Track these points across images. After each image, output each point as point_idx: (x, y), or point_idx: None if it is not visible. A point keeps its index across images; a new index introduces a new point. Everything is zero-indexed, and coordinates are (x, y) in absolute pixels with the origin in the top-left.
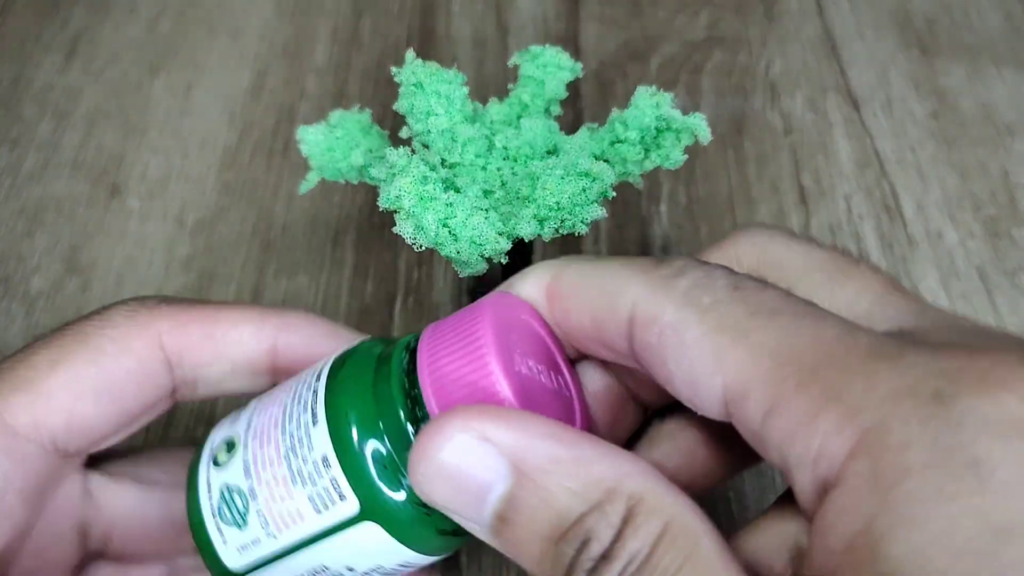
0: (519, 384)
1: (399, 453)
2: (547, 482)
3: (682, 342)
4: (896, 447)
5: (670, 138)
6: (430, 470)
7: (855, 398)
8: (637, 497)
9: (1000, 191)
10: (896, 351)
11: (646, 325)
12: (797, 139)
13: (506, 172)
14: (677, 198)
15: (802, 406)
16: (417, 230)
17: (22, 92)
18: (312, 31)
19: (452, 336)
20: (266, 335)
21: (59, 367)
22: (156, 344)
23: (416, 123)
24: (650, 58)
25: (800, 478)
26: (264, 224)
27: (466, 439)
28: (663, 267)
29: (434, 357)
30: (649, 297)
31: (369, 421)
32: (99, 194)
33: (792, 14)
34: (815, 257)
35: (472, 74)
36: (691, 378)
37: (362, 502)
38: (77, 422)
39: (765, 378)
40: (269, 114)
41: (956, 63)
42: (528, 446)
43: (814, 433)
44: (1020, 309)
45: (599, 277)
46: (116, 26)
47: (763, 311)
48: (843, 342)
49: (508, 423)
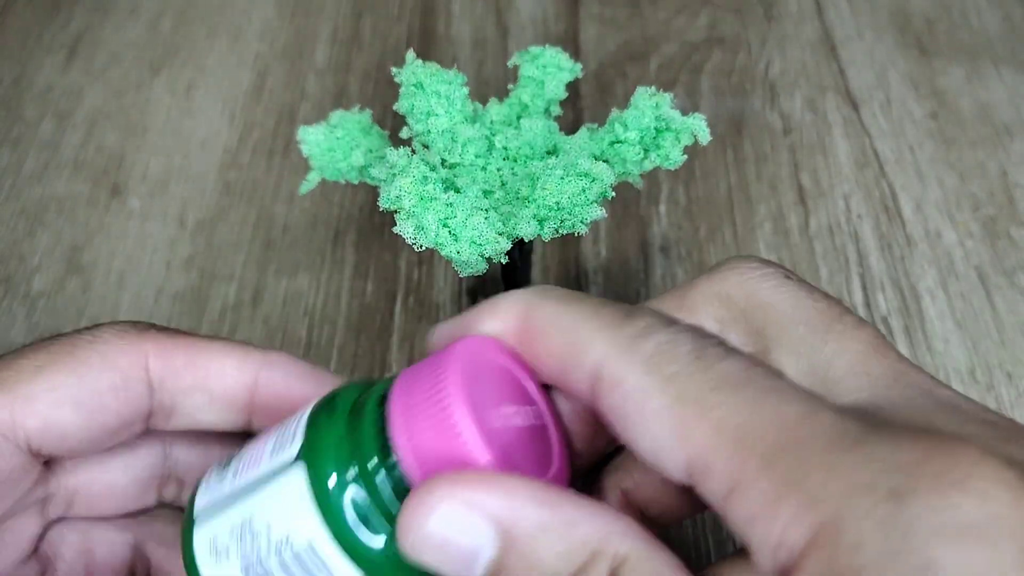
0: (494, 442)
1: (375, 504)
2: (534, 546)
3: (644, 411)
4: (851, 545)
5: (669, 138)
6: (418, 539)
7: (814, 488)
8: (621, 558)
9: (999, 191)
10: (857, 439)
11: (610, 387)
12: (796, 139)
13: (506, 172)
14: (676, 198)
15: (763, 490)
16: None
17: (23, 92)
18: (312, 32)
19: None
20: (248, 369)
21: (43, 373)
22: (141, 364)
23: (416, 123)
24: (650, 58)
25: (760, 560)
26: (265, 224)
27: (452, 507)
28: (628, 325)
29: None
30: (614, 358)
31: (343, 471)
32: (100, 194)
33: (791, 15)
34: (803, 307)
35: (472, 75)
36: (653, 447)
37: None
38: (53, 428)
39: (727, 457)
40: (270, 114)
41: (955, 63)
42: (514, 511)
43: (774, 520)
44: (1018, 309)
45: (567, 325)
46: (117, 26)
47: (726, 385)
48: (805, 424)
49: (492, 489)
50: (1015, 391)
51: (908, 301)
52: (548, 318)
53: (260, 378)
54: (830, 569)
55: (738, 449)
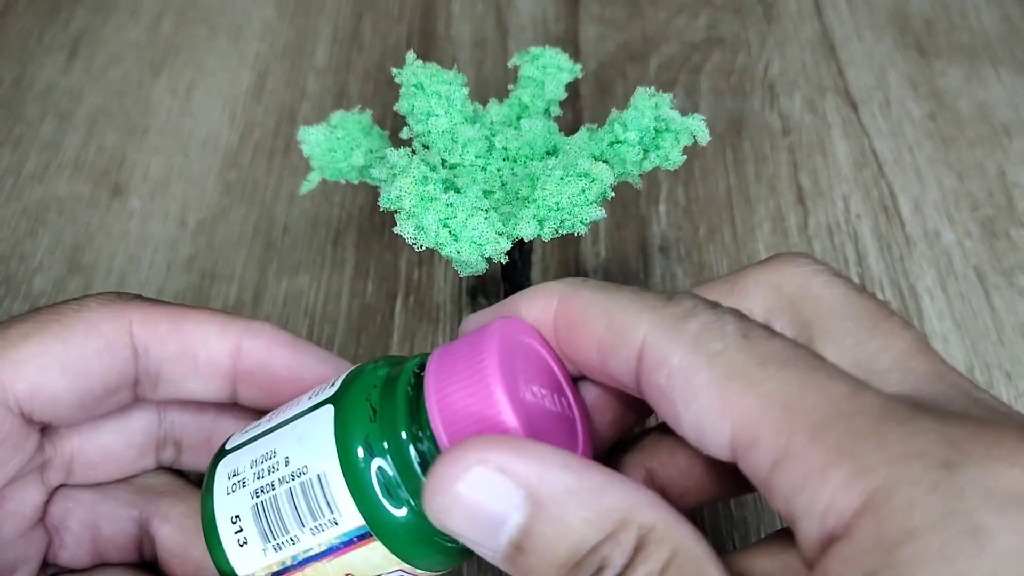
0: (525, 413)
1: (402, 475)
2: (563, 512)
3: (691, 386)
4: (903, 508)
5: (669, 139)
6: (446, 501)
7: (866, 457)
8: (648, 526)
9: (997, 191)
10: (906, 415)
11: (655, 366)
12: (795, 139)
13: (506, 173)
14: (676, 198)
15: (813, 459)
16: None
17: (24, 93)
18: (313, 32)
19: (459, 365)
20: (231, 335)
21: (29, 339)
22: (125, 330)
23: (416, 124)
24: (649, 59)
25: (806, 527)
26: (265, 224)
27: (483, 471)
28: (673, 306)
29: (442, 387)
30: (659, 337)
31: (374, 442)
32: (101, 194)
33: (791, 15)
34: (852, 303)
35: (472, 75)
36: (698, 422)
37: (366, 519)
38: (42, 392)
39: (775, 429)
40: (270, 114)
41: (954, 64)
42: (544, 477)
43: (824, 487)
44: (1017, 309)
45: (608, 309)
46: (117, 27)
47: (773, 361)
48: (853, 400)
49: (524, 455)
50: (1014, 391)
51: (907, 301)
52: (589, 303)
53: (243, 345)
54: (880, 532)
55: (786, 421)
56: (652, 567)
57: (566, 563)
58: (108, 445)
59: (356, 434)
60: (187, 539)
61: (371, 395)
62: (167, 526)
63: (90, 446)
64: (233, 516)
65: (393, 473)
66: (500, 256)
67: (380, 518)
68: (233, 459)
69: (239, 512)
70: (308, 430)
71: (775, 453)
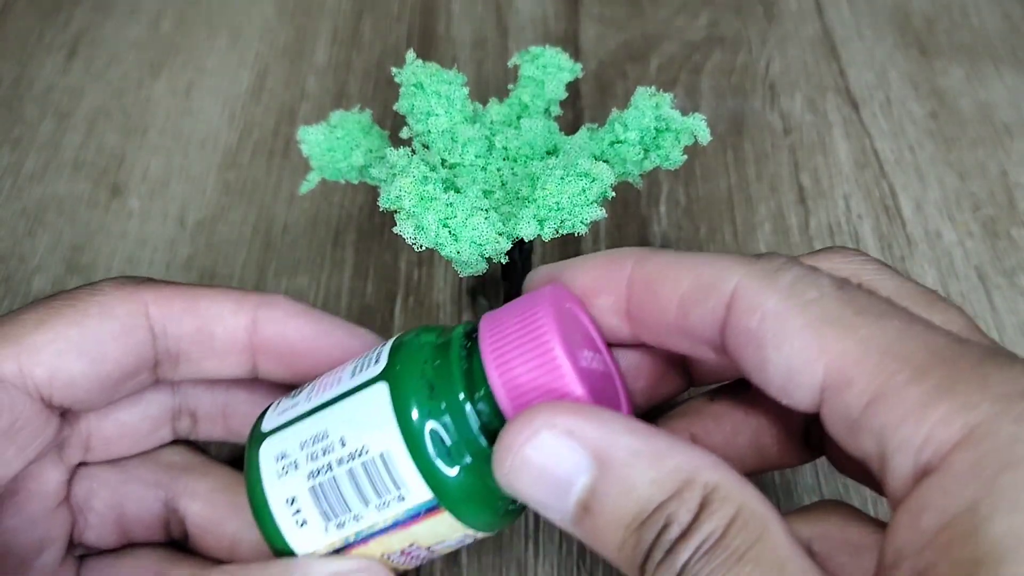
0: (587, 380)
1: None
2: (629, 473)
3: (784, 329)
4: (1006, 441)
5: (669, 138)
6: (516, 464)
7: (968, 395)
8: (712, 486)
9: (999, 191)
10: (1006, 361)
11: (747, 311)
12: (796, 139)
13: (506, 172)
14: (676, 198)
15: (912, 398)
16: (417, 230)
17: (23, 92)
18: (312, 31)
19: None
20: (246, 309)
21: (45, 325)
22: (141, 312)
23: (416, 123)
24: (650, 58)
25: (899, 463)
26: (265, 224)
27: (551, 435)
28: (764, 261)
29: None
30: (751, 285)
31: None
32: (100, 194)
33: (791, 14)
34: (905, 288)
35: (472, 75)
36: (788, 364)
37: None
38: (59, 377)
39: (873, 370)
40: (269, 114)
41: (955, 63)
42: (610, 440)
43: (922, 422)
44: (1018, 309)
45: (695, 265)
46: (117, 26)
47: (870, 311)
48: (954, 348)
49: (590, 418)
50: None
51: None
52: (672, 261)
53: (259, 318)
54: (982, 462)
55: (886, 362)
56: (717, 523)
57: (632, 522)
58: (123, 419)
59: (417, 408)
60: (218, 514)
61: (425, 369)
62: (196, 503)
63: (106, 422)
64: (288, 498)
65: (456, 445)
66: (500, 256)
67: (447, 488)
68: (278, 441)
69: (295, 494)
70: (362, 409)
71: (870, 393)
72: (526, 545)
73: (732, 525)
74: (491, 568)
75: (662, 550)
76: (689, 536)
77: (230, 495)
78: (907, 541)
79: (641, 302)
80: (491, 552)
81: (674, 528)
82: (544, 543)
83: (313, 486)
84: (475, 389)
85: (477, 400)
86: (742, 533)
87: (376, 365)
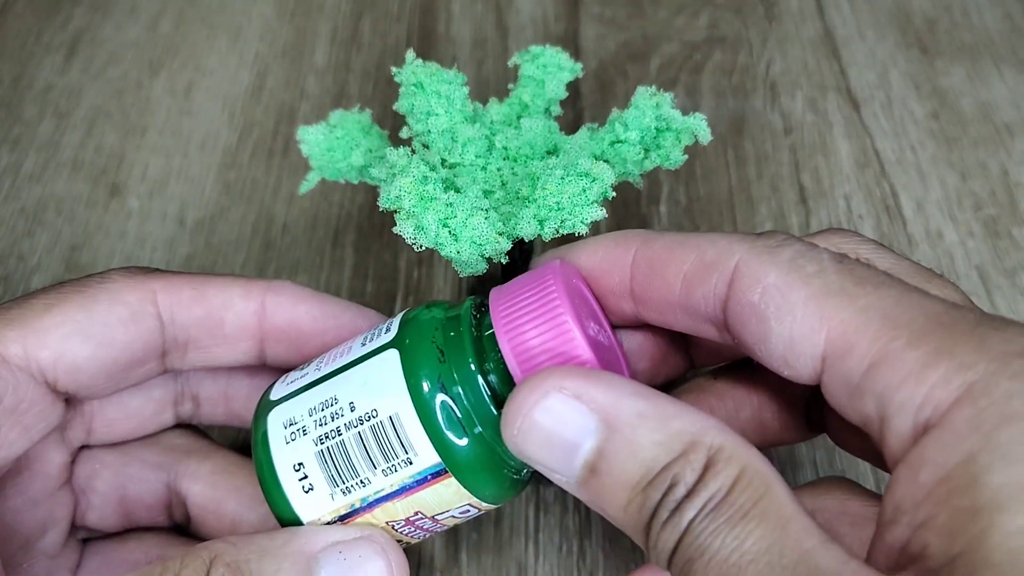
0: (594, 346)
1: (475, 411)
2: (635, 435)
3: (787, 302)
4: (1003, 396)
5: (670, 138)
6: (525, 426)
7: (965, 356)
8: (716, 447)
9: (1000, 191)
10: (1002, 323)
11: (749, 285)
12: (797, 139)
13: (506, 172)
14: (677, 198)
15: (912, 360)
16: (417, 230)
17: (23, 92)
18: (312, 31)
19: (527, 303)
20: (254, 295)
21: (53, 309)
22: (150, 299)
23: (416, 123)
24: (650, 58)
25: (898, 422)
26: (264, 224)
27: (560, 398)
28: (765, 238)
29: (513, 324)
30: (753, 261)
31: (446, 380)
32: (99, 194)
33: (792, 14)
34: (901, 264)
35: (472, 74)
36: (790, 335)
37: (442, 456)
38: (65, 361)
39: (873, 336)
40: (269, 114)
41: (956, 63)
42: (617, 403)
43: (922, 383)
44: (1019, 309)
45: (698, 244)
46: (116, 26)
47: (869, 281)
48: (951, 314)
49: (598, 382)
50: None
51: None
52: (676, 241)
53: (267, 303)
54: (980, 418)
55: (886, 328)
56: (722, 483)
57: (638, 483)
58: (127, 402)
59: (428, 374)
60: (219, 495)
61: (435, 336)
62: (197, 484)
63: (109, 404)
64: (296, 464)
65: (466, 410)
66: (500, 256)
67: (456, 454)
68: (287, 409)
69: (302, 460)
70: (373, 374)
71: (871, 357)
72: (526, 545)
73: (736, 484)
74: (491, 568)
75: (667, 509)
76: (694, 495)
77: (231, 477)
78: (905, 495)
79: (645, 282)
80: (491, 552)
81: (680, 488)
82: (544, 543)
83: (320, 450)
84: (485, 359)
85: (488, 370)
86: (747, 492)
87: (387, 335)
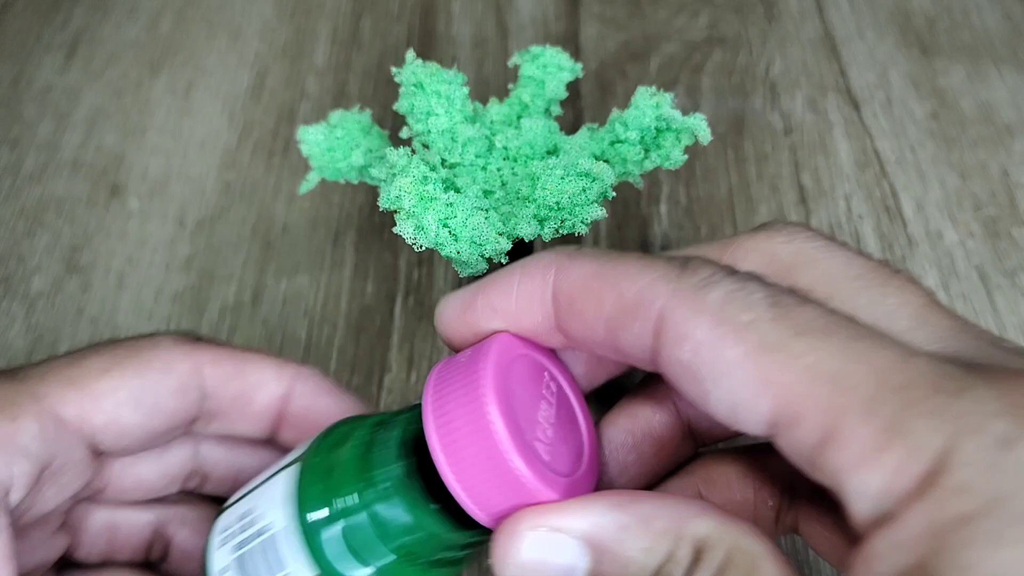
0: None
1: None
2: (623, 549)
3: (721, 362)
4: (957, 491)
5: (670, 138)
6: (515, 568)
7: (919, 436)
8: (701, 536)
9: (1000, 191)
10: (960, 383)
11: (676, 341)
12: (797, 139)
13: (506, 172)
14: (677, 198)
15: (863, 439)
16: (417, 230)
17: (22, 92)
18: (312, 31)
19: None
20: (284, 380)
21: (110, 373)
22: (198, 371)
23: (416, 123)
24: (650, 58)
25: (858, 508)
26: (264, 224)
27: (539, 535)
28: (689, 274)
29: (459, 468)
30: (678, 310)
31: (334, 499)
32: (99, 194)
33: (792, 14)
34: (855, 264)
35: (472, 74)
36: (731, 400)
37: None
38: (116, 425)
39: (821, 406)
40: (269, 114)
41: (956, 63)
42: (597, 524)
43: (877, 469)
44: (1020, 309)
45: (616, 282)
46: (116, 26)
47: (811, 330)
48: (904, 370)
49: (570, 512)
50: None
51: None
52: (591, 275)
53: (295, 389)
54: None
55: (834, 396)
56: (709, 572)
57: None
58: (143, 474)
59: (310, 493)
60: (203, 542)
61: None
62: (185, 529)
63: (127, 473)
64: (223, 568)
65: (351, 533)
66: (500, 256)
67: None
68: (228, 515)
69: (228, 564)
70: (277, 487)
71: (822, 431)
72: None
73: (725, 570)
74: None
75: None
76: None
77: None
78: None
79: (568, 320)
80: None
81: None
82: None
83: (237, 557)
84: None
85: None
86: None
87: (304, 446)
